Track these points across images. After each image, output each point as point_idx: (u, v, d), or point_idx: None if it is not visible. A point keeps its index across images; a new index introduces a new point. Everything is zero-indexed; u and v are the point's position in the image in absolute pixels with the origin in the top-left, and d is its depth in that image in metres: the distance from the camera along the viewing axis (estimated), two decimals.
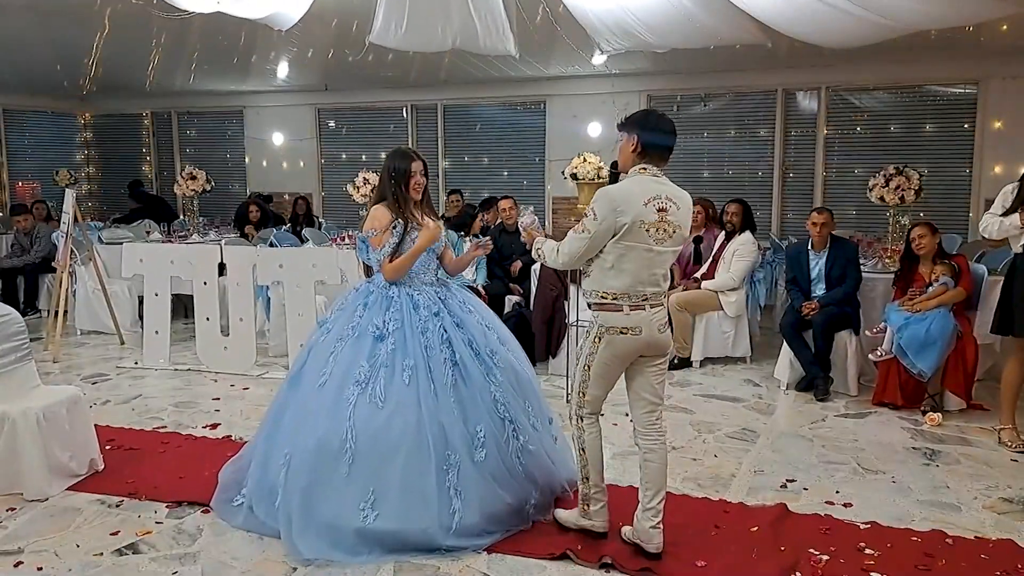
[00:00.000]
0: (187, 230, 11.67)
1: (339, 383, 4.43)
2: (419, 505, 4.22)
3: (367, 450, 4.25)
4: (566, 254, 4.16)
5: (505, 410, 4.53)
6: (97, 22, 8.12)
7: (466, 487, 4.28)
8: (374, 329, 4.54)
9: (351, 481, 4.24)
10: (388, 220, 4.69)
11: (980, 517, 4.77)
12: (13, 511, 4.82)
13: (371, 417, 4.30)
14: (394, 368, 4.42)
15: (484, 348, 4.66)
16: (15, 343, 5.29)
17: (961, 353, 6.62)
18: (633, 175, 4.13)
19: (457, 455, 4.29)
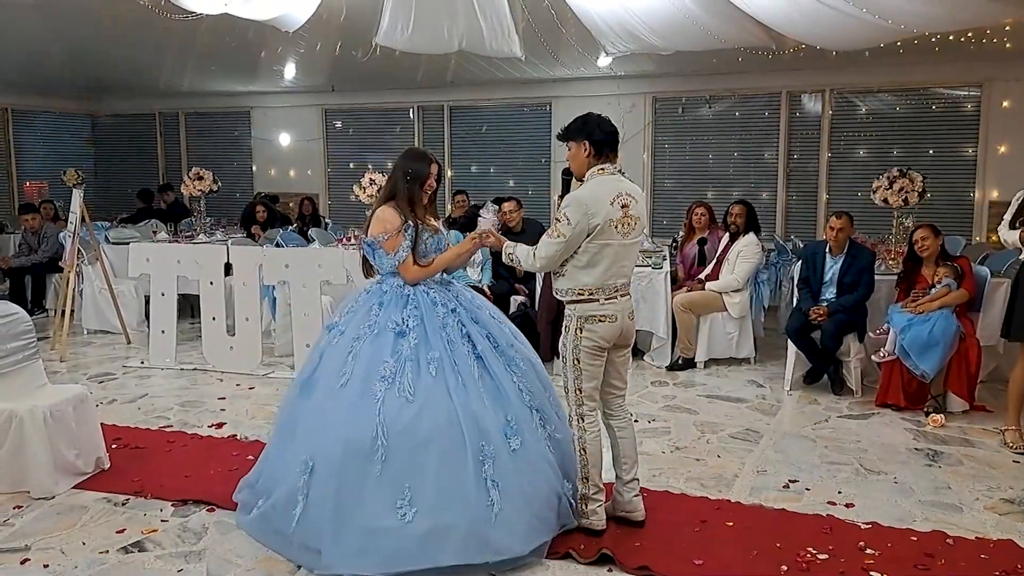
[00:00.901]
0: (193, 230, 11.70)
1: (363, 381, 4.26)
2: (458, 499, 4.07)
3: (399, 446, 4.09)
4: (543, 258, 4.36)
5: (531, 399, 4.49)
6: (105, 23, 8.17)
7: (503, 477, 4.15)
8: (394, 325, 4.41)
9: (385, 480, 4.06)
10: (399, 222, 4.57)
11: (981, 518, 4.78)
12: (20, 509, 4.86)
13: (401, 412, 4.14)
14: (419, 362, 4.30)
15: (503, 341, 4.62)
16: (22, 342, 5.33)
17: (964, 355, 6.62)
18: (593, 177, 4.37)
19: (492, 445, 4.17)
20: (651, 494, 5.04)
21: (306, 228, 11.73)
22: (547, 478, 4.37)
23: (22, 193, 15.07)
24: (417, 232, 4.61)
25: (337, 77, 13.02)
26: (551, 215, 13.14)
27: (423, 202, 4.74)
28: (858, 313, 7.28)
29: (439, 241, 4.74)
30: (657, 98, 12.66)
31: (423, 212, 4.73)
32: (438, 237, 4.74)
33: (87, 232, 9.42)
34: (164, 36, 9.19)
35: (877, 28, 7.56)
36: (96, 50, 10.22)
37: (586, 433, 4.41)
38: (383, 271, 4.68)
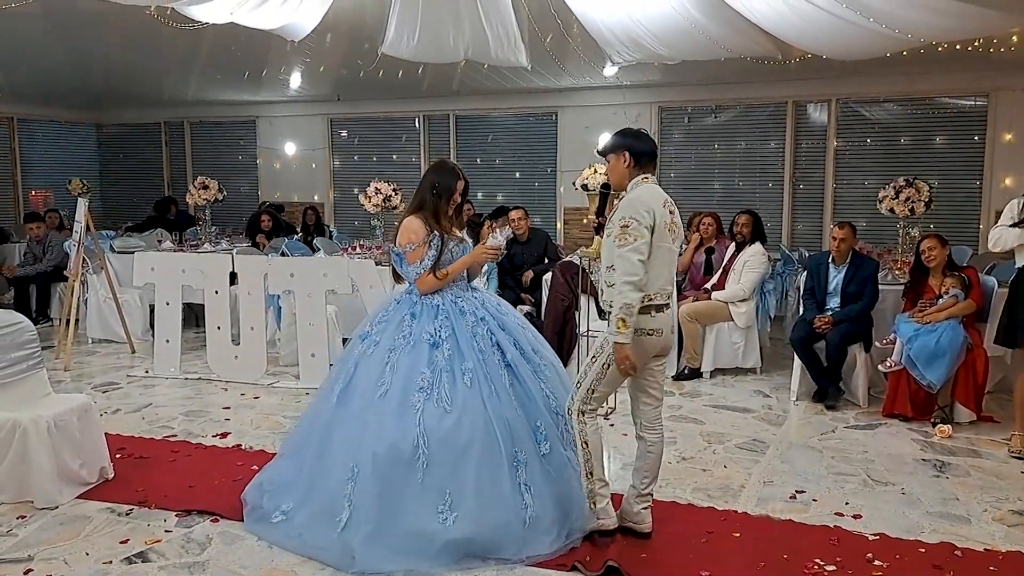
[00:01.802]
0: (199, 239, 11.71)
1: (402, 391, 4.44)
2: (495, 503, 4.28)
3: (439, 454, 4.30)
4: (630, 273, 4.12)
5: (556, 405, 4.63)
6: (111, 32, 8.19)
7: (535, 482, 4.38)
8: (427, 337, 4.58)
9: (426, 487, 4.27)
10: (425, 233, 4.70)
11: (990, 529, 4.75)
12: (23, 519, 4.84)
13: (440, 421, 4.35)
14: (454, 372, 4.49)
15: (528, 347, 4.77)
16: (27, 351, 5.33)
17: (971, 365, 6.60)
18: (637, 186, 4.36)
19: (525, 452, 4.40)
20: (658, 504, 5.01)
21: (310, 238, 11.74)
22: (572, 478, 4.55)
23: (27, 202, 15.12)
24: (443, 243, 4.74)
25: (343, 86, 13.04)
26: (558, 224, 13.16)
27: (448, 213, 4.87)
28: (863, 323, 7.26)
29: (465, 250, 4.85)
30: (663, 107, 12.67)
31: (448, 223, 4.86)
32: (464, 246, 4.85)
33: (92, 241, 9.42)
34: (170, 46, 9.21)
35: (883, 37, 7.55)
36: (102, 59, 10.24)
37: (587, 427, 4.40)
38: (408, 280, 4.85)
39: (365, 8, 7.96)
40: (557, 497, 4.44)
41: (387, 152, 14.55)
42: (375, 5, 7.82)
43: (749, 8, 7.42)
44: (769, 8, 7.33)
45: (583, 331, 7.27)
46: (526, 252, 9.20)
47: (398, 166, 14.35)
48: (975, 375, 6.62)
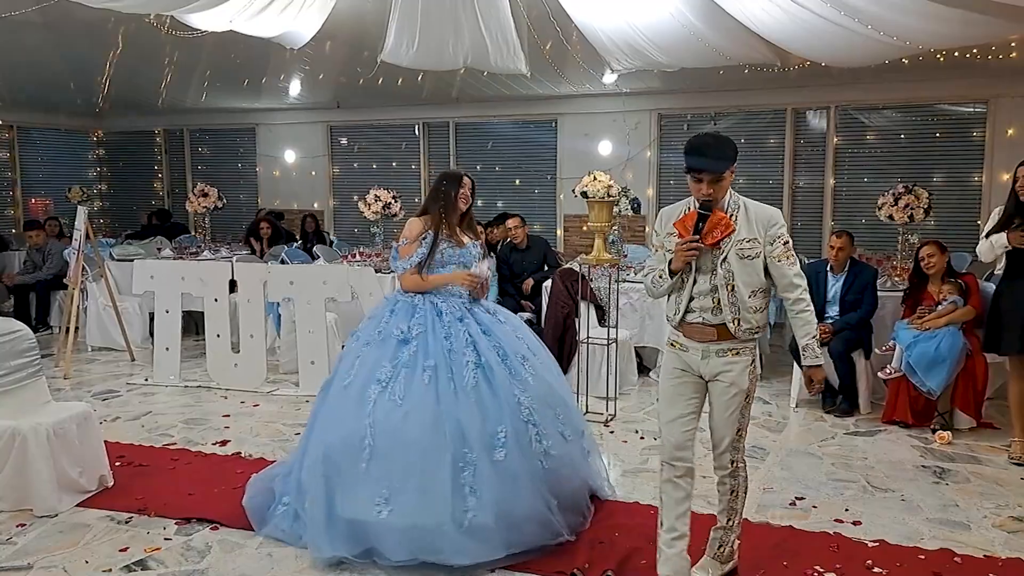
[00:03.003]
0: (198, 247, 11.72)
1: (362, 383, 4.56)
2: (432, 501, 4.25)
3: (384, 447, 4.34)
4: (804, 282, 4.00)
5: (530, 414, 4.55)
6: (111, 40, 8.19)
7: (482, 486, 4.29)
8: (399, 333, 4.68)
9: (368, 477, 4.32)
10: (420, 231, 4.87)
11: (990, 536, 4.75)
12: (23, 527, 4.84)
13: (389, 414, 4.40)
14: (415, 368, 4.53)
15: (514, 353, 4.75)
16: (26, 359, 5.33)
17: (971, 371, 6.61)
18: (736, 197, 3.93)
19: (474, 453, 4.33)
20: (658, 511, 5.02)
21: (309, 245, 11.75)
22: (532, 491, 4.45)
23: (27, 210, 15.13)
24: (435, 242, 4.85)
25: (342, 94, 13.06)
26: (558, 231, 13.16)
27: (458, 212, 4.96)
28: (863, 330, 7.26)
29: (462, 255, 4.95)
30: (662, 115, 12.66)
31: (455, 225, 4.96)
32: (461, 251, 4.94)
33: (92, 249, 9.43)
34: (169, 53, 9.21)
35: (882, 45, 7.56)
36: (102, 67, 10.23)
37: (743, 474, 4.19)
38: (396, 273, 5.01)
39: (364, 16, 7.97)
40: (507, 506, 4.33)
41: (387, 159, 14.55)
42: (374, 13, 7.83)
43: (748, 16, 7.43)
44: (768, 16, 7.33)
45: (583, 338, 7.27)
46: (525, 259, 9.20)
47: (398, 173, 14.35)
48: (975, 381, 6.62)
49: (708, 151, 3.77)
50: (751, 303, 3.84)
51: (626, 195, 8.14)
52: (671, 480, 4.03)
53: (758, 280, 3.85)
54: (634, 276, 8.48)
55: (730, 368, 3.88)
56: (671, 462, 4.03)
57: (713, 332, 3.87)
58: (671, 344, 4.09)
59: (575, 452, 4.88)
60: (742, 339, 3.86)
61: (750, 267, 3.82)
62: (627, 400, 7.61)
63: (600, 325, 7.88)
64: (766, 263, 3.87)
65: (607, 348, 7.20)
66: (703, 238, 3.79)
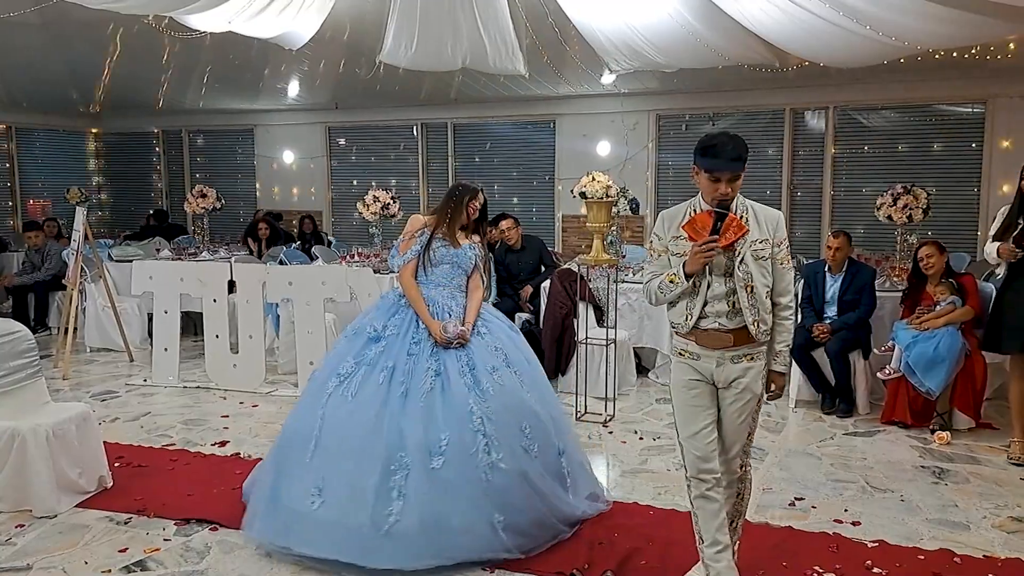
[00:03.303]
0: (197, 247, 11.72)
1: (326, 376, 4.66)
2: (358, 499, 4.25)
3: (328, 440, 4.42)
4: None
5: (482, 424, 4.41)
6: (109, 41, 8.19)
7: (411, 491, 4.23)
8: (371, 331, 4.74)
9: (310, 468, 4.39)
10: (418, 227, 4.93)
11: (989, 536, 4.75)
12: (22, 527, 4.84)
13: (338, 409, 4.48)
14: (374, 367, 4.57)
15: (482, 365, 4.66)
16: (25, 360, 5.33)
17: (970, 372, 6.60)
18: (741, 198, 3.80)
19: (409, 458, 4.29)
20: (657, 512, 5.04)
21: (307, 246, 11.75)
22: (471, 503, 4.29)
23: (25, 211, 15.12)
24: (429, 240, 4.89)
25: (341, 95, 13.07)
26: (556, 232, 13.17)
27: (463, 218, 4.98)
28: (861, 330, 7.26)
29: (456, 255, 4.94)
30: (661, 115, 12.68)
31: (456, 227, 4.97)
32: (455, 251, 4.94)
33: (90, 250, 9.42)
34: (168, 54, 9.21)
35: (880, 45, 7.57)
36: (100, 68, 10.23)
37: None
38: (393, 269, 5.09)
39: (363, 17, 7.97)
40: (437, 515, 4.22)
41: (385, 160, 14.57)
42: (373, 14, 7.84)
43: (746, 16, 7.44)
44: (766, 16, 7.34)
45: (581, 338, 7.28)
46: (521, 260, 9.19)
47: (396, 174, 14.36)
48: (974, 382, 6.62)
49: (727, 151, 3.65)
50: (764, 303, 3.74)
51: (624, 195, 8.13)
52: (702, 495, 3.84)
53: (769, 280, 3.77)
54: (632, 276, 8.48)
55: (745, 374, 3.76)
56: (699, 476, 3.83)
57: (730, 338, 3.73)
58: (679, 354, 3.89)
59: (538, 469, 4.60)
60: (759, 342, 3.76)
61: (764, 268, 3.74)
62: (626, 400, 7.61)
63: (599, 325, 7.88)
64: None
65: (606, 348, 7.20)
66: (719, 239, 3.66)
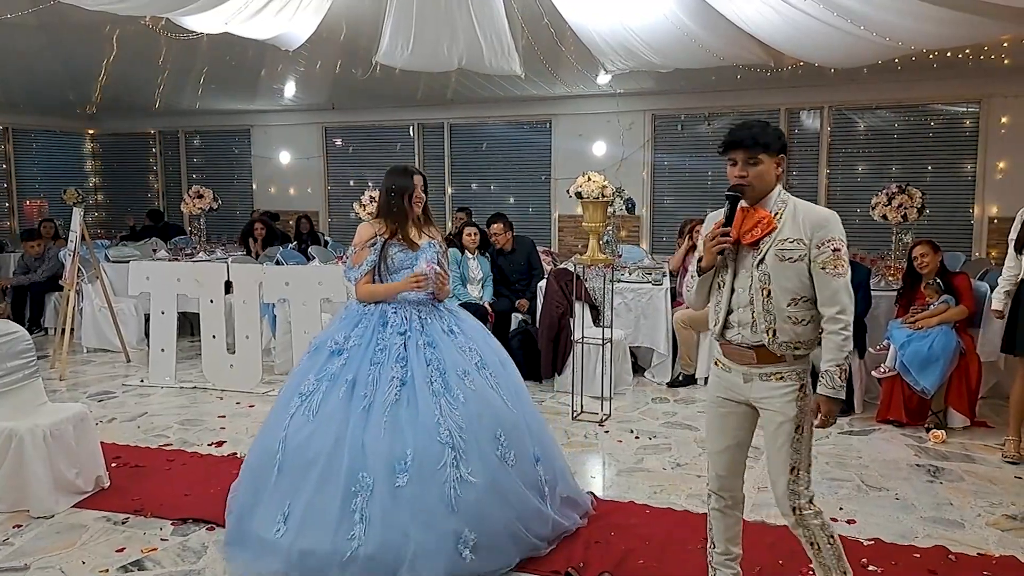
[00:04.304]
0: (193, 248, 11.72)
1: (288, 395, 4.46)
2: (319, 527, 4.04)
3: (291, 462, 4.21)
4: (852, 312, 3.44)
5: (450, 435, 4.16)
6: (106, 42, 8.19)
7: (375, 513, 4.01)
8: (332, 344, 4.50)
9: (274, 492, 4.21)
10: (369, 236, 4.66)
11: (983, 534, 4.77)
12: (19, 528, 4.85)
13: (300, 429, 4.25)
14: (336, 382, 4.34)
15: (454, 369, 4.41)
16: (23, 360, 5.34)
17: (964, 370, 6.63)
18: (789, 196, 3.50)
19: (371, 478, 4.05)
20: (653, 511, 5.06)
21: (304, 246, 11.75)
22: (437, 523, 4.06)
23: (22, 212, 15.11)
24: (384, 247, 4.64)
25: (337, 95, 13.07)
26: (553, 231, 13.17)
27: (414, 214, 4.74)
28: (856, 329, 7.26)
29: (413, 258, 4.66)
30: (656, 115, 12.70)
31: (414, 226, 4.75)
32: (413, 254, 4.67)
33: (87, 250, 9.43)
34: (165, 55, 9.21)
35: (875, 45, 7.59)
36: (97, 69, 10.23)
37: (822, 515, 3.58)
38: (350, 283, 4.78)
39: (359, 17, 7.98)
40: (397, 539, 3.99)
41: (382, 160, 14.55)
42: (369, 14, 7.84)
43: (741, 17, 7.45)
44: (761, 17, 7.36)
45: (578, 338, 7.29)
46: (513, 262, 9.19)
47: None
48: (968, 380, 6.64)
49: (744, 131, 3.41)
50: (790, 312, 3.39)
51: (620, 195, 8.15)
52: (719, 510, 3.77)
53: (799, 286, 3.39)
54: (628, 276, 8.51)
55: (774, 394, 3.43)
56: (718, 492, 3.75)
57: (752, 355, 3.47)
58: (716, 362, 3.70)
59: (514, 479, 4.37)
60: (787, 360, 3.42)
61: (790, 270, 3.38)
62: (622, 400, 7.62)
63: (595, 325, 7.89)
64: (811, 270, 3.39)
65: (602, 348, 7.22)
66: (742, 236, 3.43)
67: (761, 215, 3.42)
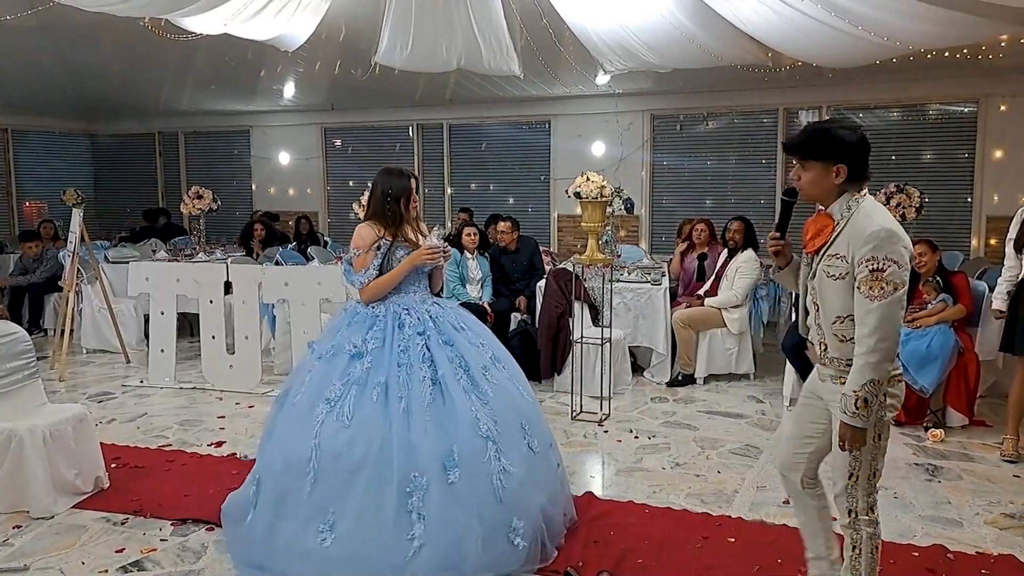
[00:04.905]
0: (193, 249, 11.72)
1: (310, 401, 4.31)
2: (376, 530, 4.02)
3: (329, 470, 4.11)
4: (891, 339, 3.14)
5: (488, 429, 4.25)
6: (106, 44, 8.20)
7: (432, 511, 4.03)
8: (351, 348, 4.42)
9: (312, 502, 4.12)
10: (372, 239, 4.59)
11: (982, 533, 4.78)
12: (19, 528, 4.85)
13: (336, 436, 4.15)
14: (365, 386, 4.28)
15: (475, 365, 4.47)
16: (22, 361, 5.34)
17: (963, 369, 6.63)
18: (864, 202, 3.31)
19: (424, 477, 4.06)
20: (652, 511, 5.06)
21: (303, 247, 11.75)
22: (489, 514, 4.15)
23: (21, 213, 15.12)
24: (390, 250, 4.61)
25: (336, 96, 13.06)
26: (552, 231, 13.18)
27: (410, 216, 4.72)
28: None
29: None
30: (655, 115, 12.70)
31: (412, 227, 4.74)
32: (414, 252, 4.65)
33: (87, 251, 9.43)
34: (164, 56, 9.22)
35: (873, 45, 7.59)
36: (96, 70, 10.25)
37: (878, 527, 3.42)
38: (355, 288, 4.69)
39: (358, 18, 7.99)
40: (457, 534, 4.05)
41: (381, 161, 14.50)
42: (368, 15, 7.85)
43: (739, 17, 7.45)
44: (759, 17, 7.36)
45: (577, 338, 7.29)
46: (515, 262, 9.21)
47: None
48: (967, 379, 6.64)
49: (798, 135, 3.34)
50: (835, 329, 3.28)
51: (619, 195, 8.16)
52: (790, 496, 3.84)
53: (844, 305, 3.23)
54: (627, 276, 8.52)
55: (836, 398, 3.27)
56: (783, 475, 3.76)
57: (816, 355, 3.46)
58: None
59: (544, 466, 4.56)
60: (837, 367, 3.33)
61: (835, 288, 3.26)
62: (621, 399, 7.62)
63: (594, 325, 7.90)
64: None
65: (601, 348, 7.22)
66: (807, 243, 3.41)
67: (823, 224, 3.37)
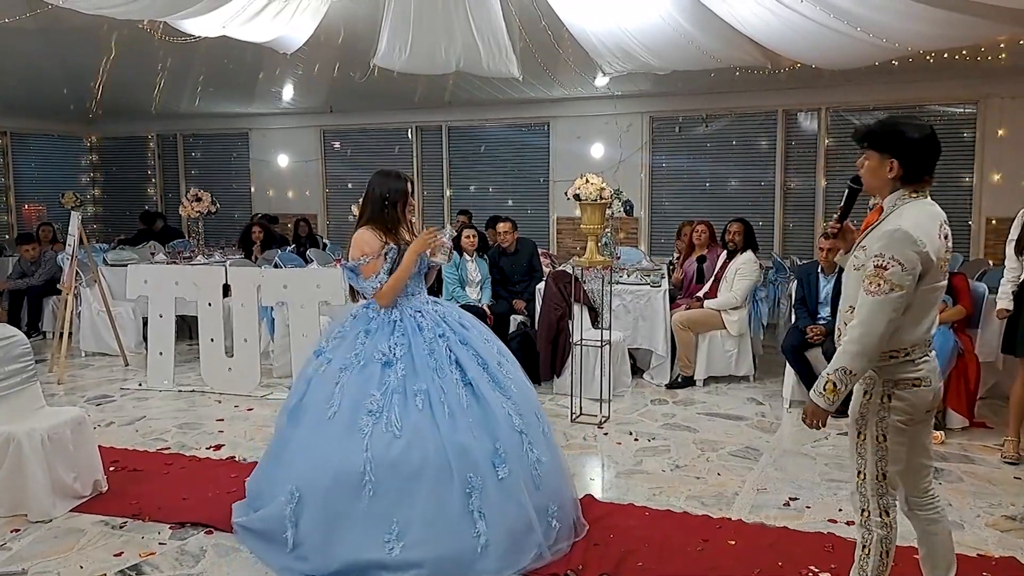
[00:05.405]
0: (192, 251, 11.71)
1: (350, 414, 4.28)
2: (445, 532, 4.10)
3: (387, 481, 4.12)
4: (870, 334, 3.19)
5: (520, 423, 4.42)
6: (104, 46, 8.20)
7: (490, 508, 4.16)
8: (380, 356, 4.41)
9: (372, 514, 4.11)
10: (379, 245, 4.58)
11: (983, 535, 4.77)
12: (17, 532, 4.83)
13: (389, 447, 4.16)
14: (406, 394, 4.29)
15: (491, 362, 4.57)
16: (20, 364, 5.33)
17: (963, 371, 6.62)
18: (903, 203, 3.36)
19: (479, 476, 4.17)
20: (652, 513, 5.04)
21: (303, 249, 11.74)
22: (534, 503, 4.34)
23: (20, 216, 15.11)
24: (399, 253, 4.61)
25: (335, 98, 13.07)
26: (551, 234, 13.18)
27: (405, 220, 4.75)
28: None
29: (422, 260, 4.71)
30: (654, 117, 12.70)
31: (407, 230, 4.76)
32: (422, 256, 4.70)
33: (85, 254, 9.42)
34: (163, 59, 9.22)
35: (871, 47, 7.59)
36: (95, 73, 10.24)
37: (891, 531, 3.50)
38: (367, 295, 4.68)
39: (357, 20, 7.99)
40: (512, 524, 4.21)
41: (380, 163, 14.45)
42: (367, 17, 7.85)
43: (738, 19, 7.46)
44: (757, 19, 7.36)
45: (576, 340, 7.28)
46: (515, 263, 9.20)
47: None
48: (967, 381, 6.63)
49: (875, 122, 3.36)
50: (848, 319, 3.33)
51: (618, 197, 8.15)
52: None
53: (855, 296, 3.29)
54: (627, 278, 8.51)
55: (853, 392, 3.41)
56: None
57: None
58: None
59: (556, 451, 4.75)
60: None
61: (854, 278, 3.32)
62: (621, 402, 7.61)
63: (593, 327, 7.88)
64: None
65: (600, 350, 7.21)
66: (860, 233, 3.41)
67: (873, 217, 3.39)
